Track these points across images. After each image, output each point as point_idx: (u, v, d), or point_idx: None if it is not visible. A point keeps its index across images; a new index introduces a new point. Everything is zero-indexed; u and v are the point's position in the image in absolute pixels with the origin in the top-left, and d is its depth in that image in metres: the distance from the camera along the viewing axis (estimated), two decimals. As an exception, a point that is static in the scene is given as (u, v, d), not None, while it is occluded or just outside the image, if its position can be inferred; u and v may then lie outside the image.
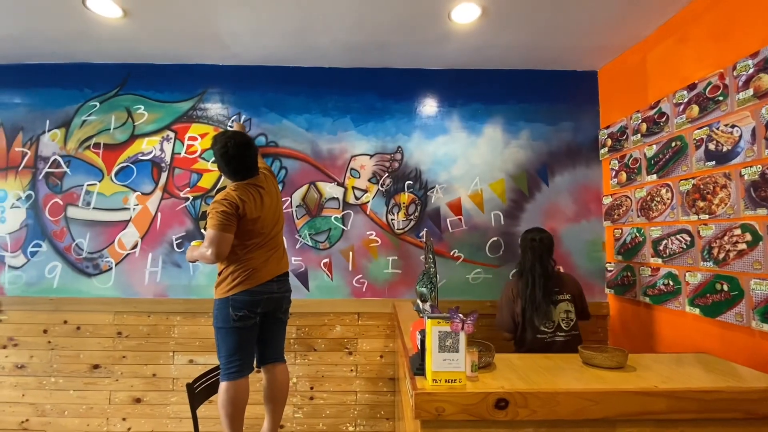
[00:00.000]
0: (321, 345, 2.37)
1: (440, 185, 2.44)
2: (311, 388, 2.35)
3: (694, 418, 1.19)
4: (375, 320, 2.38)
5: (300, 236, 2.40)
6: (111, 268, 2.37)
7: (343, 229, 2.42)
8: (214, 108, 2.46)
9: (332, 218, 2.42)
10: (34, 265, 2.37)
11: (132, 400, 2.32)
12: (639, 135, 2.09)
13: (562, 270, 2.25)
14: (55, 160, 2.42)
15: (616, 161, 2.28)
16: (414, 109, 2.47)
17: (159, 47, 2.29)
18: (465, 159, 2.45)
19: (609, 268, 2.36)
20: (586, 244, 2.42)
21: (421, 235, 2.41)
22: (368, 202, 2.43)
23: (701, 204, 1.70)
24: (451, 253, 2.40)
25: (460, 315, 1.19)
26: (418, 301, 1.37)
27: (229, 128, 2.43)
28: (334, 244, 2.42)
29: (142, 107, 2.45)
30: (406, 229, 2.42)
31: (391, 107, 2.47)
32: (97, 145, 2.42)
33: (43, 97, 2.46)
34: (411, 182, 2.44)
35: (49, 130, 2.43)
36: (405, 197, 2.44)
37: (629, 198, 2.17)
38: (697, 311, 1.71)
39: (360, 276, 2.40)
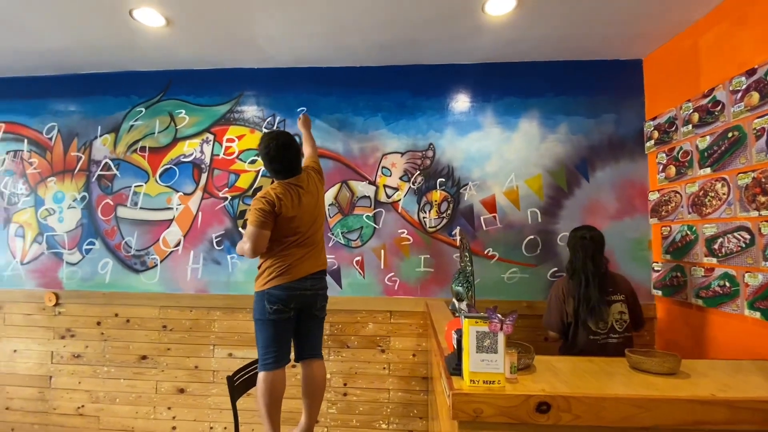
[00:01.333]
0: (354, 342, 2.39)
1: (473, 182, 2.39)
2: (345, 384, 2.37)
3: (755, 430, 1.10)
4: (407, 319, 2.37)
5: (332, 234, 2.43)
6: (156, 265, 2.50)
7: (374, 228, 2.43)
8: (250, 110, 2.54)
9: (364, 216, 2.44)
10: (89, 261, 2.54)
11: (176, 391, 2.44)
12: (690, 126, 1.95)
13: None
14: (106, 163, 2.58)
15: (664, 154, 2.14)
16: (446, 105, 2.44)
17: (198, 53, 2.39)
18: (499, 155, 2.39)
19: (656, 268, 2.22)
20: (631, 242, 2.29)
21: (454, 233, 2.37)
22: (400, 200, 2.43)
23: (762, 199, 1.56)
24: (486, 252, 2.35)
25: (499, 315, 1.15)
26: (454, 300, 1.35)
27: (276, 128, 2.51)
28: (365, 242, 2.43)
29: (184, 111, 2.57)
30: (438, 227, 2.40)
31: (422, 104, 2.44)
32: (143, 149, 2.57)
33: (95, 104, 2.63)
34: (443, 180, 2.41)
35: (100, 136, 2.60)
36: (437, 195, 2.41)
37: (679, 193, 2.03)
38: (757, 315, 1.58)
39: (392, 274, 2.40)
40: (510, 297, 2.29)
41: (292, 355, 1.86)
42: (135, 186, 2.55)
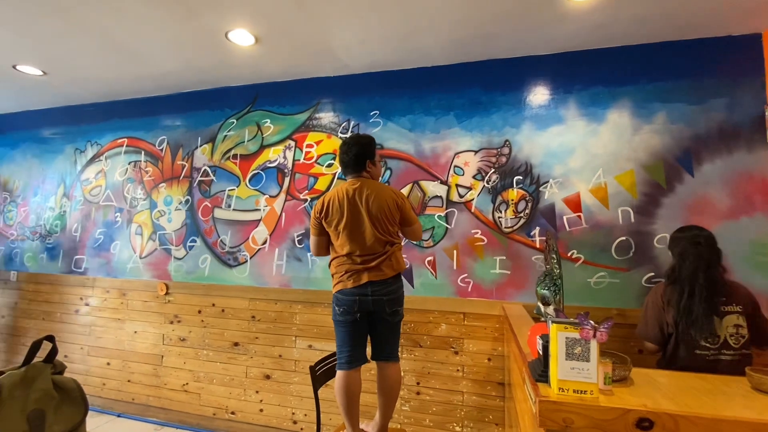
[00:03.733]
0: (426, 342, 2.39)
1: (555, 179, 2.25)
2: (417, 383, 2.39)
3: None
4: (482, 321, 2.31)
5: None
6: (246, 261, 2.76)
7: (446, 228, 2.41)
8: (327, 117, 2.68)
9: (435, 216, 2.43)
10: (191, 256, 2.89)
11: (263, 376, 2.67)
12: (832, 106, 1.63)
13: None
14: (205, 170, 2.91)
15: (795, 142, 1.82)
16: (522, 99, 2.33)
17: (281, 67, 2.59)
18: (584, 149, 2.22)
19: (784, 276, 1.89)
20: (749, 245, 1.98)
21: (532, 233, 2.26)
22: (473, 199, 2.38)
23: None
24: (569, 254, 2.20)
25: (591, 321, 1.08)
26: (539, 304, 1.29)
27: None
28: (437, 242, 2.42)
29: (269, 121, 2.80)
30: (515, 227, 2.30)
31: (497, 100, 2.37)
32: (235, 156, 2.85)
33: (196, 118, 2.99)
34: (520, 177, 2.31)
35: (200, 146, 2.94)
36: (514, 194, 2.31)
37: (817, 188, 1.71)
38: None
39: (465, 275, 2.36)
40: (597, 303, 2.12)
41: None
42: (229, 190, 2.84)
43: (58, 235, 3.32)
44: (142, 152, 3.12)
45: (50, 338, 1.11)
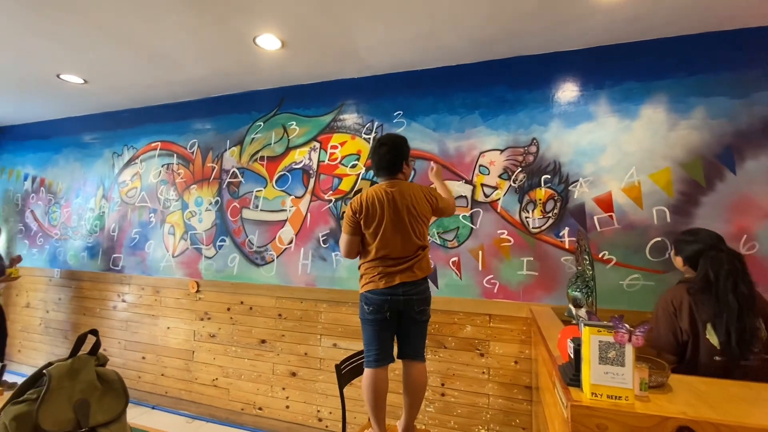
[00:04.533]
0: (451, 343, 2.37)
1: (585, 178, 2.19)
2: (442, 384, 2.37)
3: None
4: (508, 323, 2.27)
5: (428, 234, 2.45)
6: (273, 260, 2.82)
7: (471, 228, 2.38)
8: (351, 118, 2.71)
9: (460, 217, 2.41)
10: (221, 256, 2.98)
11: (289, 374, 2.72)
12: None
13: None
14: (234, 171, 3.00)
15: None
16: (550, 96, 2.28)
17: (306, 70, 2.63)
18: (616, 147, 2.14)
19: (839, 280, 1.76)
20: (799, 247, 1.86)
21: (561, 234, 2.20)
22: (499, 199, 2.34)
23: None
24: (601, 255, 2.12)
25: (626, 325, 1.04)
26: (570, 307, 1.25)
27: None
28: (462, 242, 2.39)
29: (294, 123, 2.85)
30: (542, 227, 2.25)
31: (523, 97, 2.32)
32: (262, 158, 2.92)
33: (224, 122, 3.08)
34: (548, 176, 2.25)
35: (229, 148, 3.03)
36: (541, 193, 2.26)
37: None
38: None
39: (491, 276, 2.33)
40: (631, 306, 2.04)
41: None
42: (256, 191, 2.91)
43: (97, 235, 3.50)
44: (175, 155, 3.25)
45: (94, 332, 1.17)
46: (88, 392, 1.07)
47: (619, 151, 2.13)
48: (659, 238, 2.04)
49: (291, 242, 2.78)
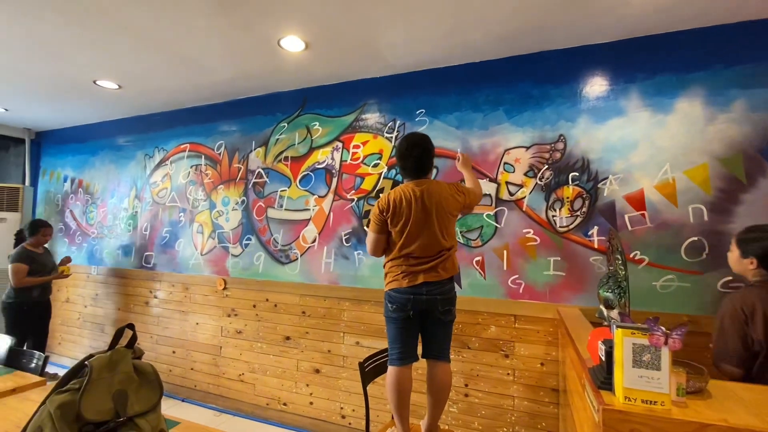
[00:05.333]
0: (475, 344, 2.35)
1: (615, 175, 2.11)
2: (466, 385, 2.35)
3: None
4: (534, 325, 2.22)
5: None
6: (297, 259, 2.87)
7: (496, 227, 2.34)
8: (373, 117, 2.72)
9: (484, 215, 2.37)
10: (247, 254, 3.05)
11: (313, 370, 2.75)
12: None
13: None
14: (259, 172, 3.07)
15: None
16: (578, 91, 2.21)
17: (329, 70, 2.66)
18: (649, 143, 2.06)
19: None
20: None
21: (590, 233, 2.13)
22: (524, 197, 2.29)
23: None
24: (632, 255, 2.05)
25: (662, 327, 1.00)
26: (602, 307, 1.22)
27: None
28: (486, 242, 2.36)
29: (317, 123, 2.89)
30: (570, 226, 2.19)
31: (549, 93, 2.27)
32: (286, 158, 2.97)
33: (250, 123, 3.15)
34: (576, 174, 2.19)
35: (254, 149, 3.10)
36: (569, 191, 2.20)
37: None
38: None
39: (516, 276, 2.28)
40: (664, 308, 1.95)
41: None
42: (280, 191, 2.97)
43: (130, 234, 3.65)
44: (203, 156, 3.35)
45: (131, 326, 1.22)
46: (126, 383, 1.12)
47: (651, 146, 2.05)
48: (695, 238, 1.95)
49: (314, 241, 2.82)
